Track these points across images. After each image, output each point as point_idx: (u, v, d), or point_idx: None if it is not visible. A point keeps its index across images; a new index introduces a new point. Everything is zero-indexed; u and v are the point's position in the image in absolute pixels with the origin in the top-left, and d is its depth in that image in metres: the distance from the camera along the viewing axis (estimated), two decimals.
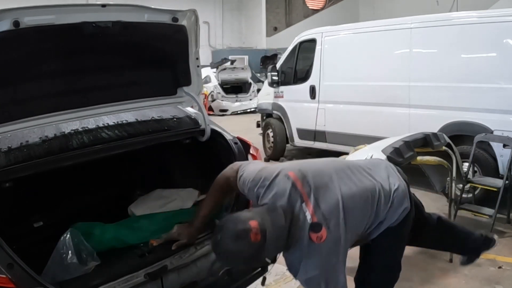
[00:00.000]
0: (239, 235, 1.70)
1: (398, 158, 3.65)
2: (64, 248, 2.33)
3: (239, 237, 1.70)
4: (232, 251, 1.72)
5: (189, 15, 2.71)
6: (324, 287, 1.84)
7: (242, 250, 1.70)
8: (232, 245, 1.71)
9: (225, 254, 1.76)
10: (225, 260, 1.82)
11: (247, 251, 1.70)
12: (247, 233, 1.69)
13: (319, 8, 26.03)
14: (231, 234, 1.72)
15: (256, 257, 1.76)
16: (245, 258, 1.75)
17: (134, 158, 3.29)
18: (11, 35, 2.09)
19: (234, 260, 1.78)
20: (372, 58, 6.37)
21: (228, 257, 1.78)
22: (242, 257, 1.73)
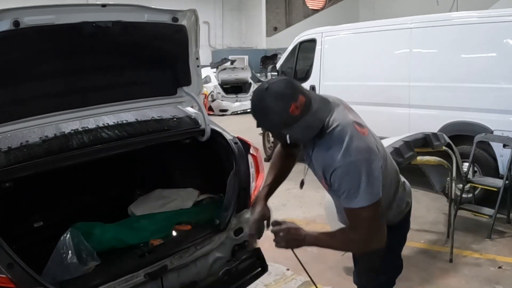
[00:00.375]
0: (283, 97, 1.68)
1: (398, 158, 3.65)
2: (64, 248, 2.33)
3: (282, 99, 1.68)
4: (266, 105, 1.70)
5: (189, 15, 2.71)
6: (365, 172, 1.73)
7: (275, 110, 1.68)
8: (269, 100, 1.69)
9: (258, 102, 1.73)
10: (253, 107, 1.76)
11: (278, 115, 1.68)
12: (290, 100, 1.67)
13: (319, 8, 26.04)
14: (278, 91, 1.69)
15: (280, 125, 1.72)
16: (271, 120, 1.71)
17: (134, 158, 3.29)
18: (11, 35, 2.09)
19: (260, 113, 1.74)
20: (372, 58, 6.37)
21: (258, 107, 1.74)
22: (270, 116, 1.70)
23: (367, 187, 1.73)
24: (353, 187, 1.73)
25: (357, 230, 1.82)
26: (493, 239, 4.39)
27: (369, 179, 1.73)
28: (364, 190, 1.73)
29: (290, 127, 1.72)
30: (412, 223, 4.84)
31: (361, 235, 1.82)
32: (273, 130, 1.84)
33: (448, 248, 4.02)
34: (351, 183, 1.73)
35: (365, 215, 1.76)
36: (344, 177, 1.74)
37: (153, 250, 2.51)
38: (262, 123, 1.79)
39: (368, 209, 1.75)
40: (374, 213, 1.78)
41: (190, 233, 2.68)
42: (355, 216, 1.80)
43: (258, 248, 2.87)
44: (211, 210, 2.91)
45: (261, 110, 1.73)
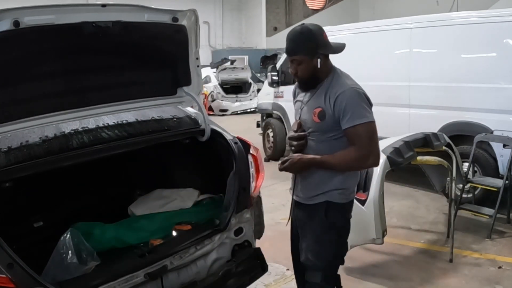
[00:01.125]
0: (319, 26, 2.31)
1: (398, 158, 3.65)
2: (64, 248, 2.33)
3: (318, 27, 2.30)
4: (308, 30, 2.25)
5: (189, 15, 2.72)
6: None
7: (315, 32, 2.25)
8: (311, 27, 2.27)
9: (299, 31, 2.25)
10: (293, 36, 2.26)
11: (318, 36, 2.26)
12: (323, 30, 2.31)
13: (319, 8, 26.02)
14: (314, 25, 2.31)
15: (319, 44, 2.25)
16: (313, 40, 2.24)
17: (134, 158, 3.29)
18: (11, 35, 2.09)
19: (302, 38, 2.24)
20: (372, 58, 6.36)
21: (299, 34, 2.25)
22: (312, 38, 2.24)
23: (369, 108, 2.22)
24: (358, 106, 2.19)
25: (359, 147, 2.19)
26: (493, 239, 4.39)
27: (367, 105, 2.24)
28: (367, 110, 2.21)
29: (325, 47, 2.27)
30: (412, 223, 4.89)
31: (362, 150, 2.19)
32: (312, 50, 2.23)
33: (448, 248, 4.02)
34: (357, 103, 2.19)
35: (368, 130, 2.19)
36: (351, 96, 2.19)
37: (153, 250, 2.51)
38: (303, 45, 2.24)
39: (370, 125, 2.20)
40: (374, 129, 2.23)
41: (190, 233, 2.68)
42: (359, 133, 2.18)
43: (258, 248, 2.87)
44: (211, 210, 2.91)
45: (304, 34, 2.24)
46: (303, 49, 2.24)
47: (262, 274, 2.82)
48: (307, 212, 2.35)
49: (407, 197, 5.76)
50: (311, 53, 2.23)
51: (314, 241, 2.31)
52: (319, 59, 2.23)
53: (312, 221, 2.33)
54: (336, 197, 2.29)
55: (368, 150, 2.21)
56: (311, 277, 2.33)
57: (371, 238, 3.41)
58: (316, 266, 2.31)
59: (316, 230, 2.31)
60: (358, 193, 3.44)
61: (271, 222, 3.35)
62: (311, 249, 2.32)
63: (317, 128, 2.28)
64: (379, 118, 6.78)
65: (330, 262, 2.33)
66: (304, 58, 2.25)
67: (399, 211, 5.27)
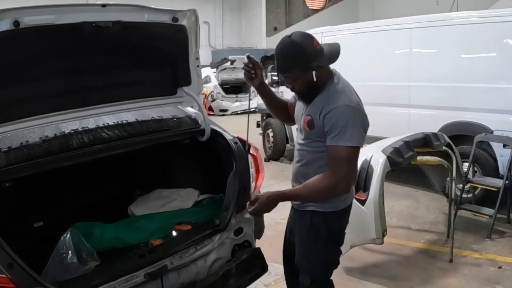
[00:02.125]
0: (307, 36, 2.10)
1: (398, 158, 3.65)
2: (64, 248, 2.33)
3: (306, 37, 2.09)
4: (296, 44, 2.05)
5: (189, 15, 2.71)
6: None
7: (304, 45, 2.05)
8: (298, 40, 2.06)
9: (287, 45, 2.07)
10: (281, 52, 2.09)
11: (307, 48, 2.05)
12: (312, 37, 2.10)
13: (319, 8, 26.01)
14: (301, 33, 2.12)
15: (310, 58, 2.05)
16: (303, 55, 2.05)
17: (134, 158, 3.29)
18: (11, 35, 2.09)
19: (291, 54, 2.07)
20: (372, 58, 6.36)
21: (287, 50, 2.07)
22: (301, 53, 2.04)
23: (357, 130, 2.07)
24: (347, 126, 2.04)
25: (332, 171, 2.07)
26: (493, 239, 4.39)
27: (360, 126, 2.09)
28: (355, 132, 2.05)
29: (317, 59, 2.07)
30: (412, 223, 4.89)
31: (335, 176, 2.07)
32: (305, 65, 2.06)
33: (448, 248, 4.02)
34: (346, 121, 2.04)
35: (348, 154, 2.06)
36: (343, 114, 2.05)
37: (153, 250, 2.51)
38: (294, 63, 2.07)
39: (352, 150, 2.07)
40: (355, 156, 2.10)
41: (190, 233, 2.68)
42: (338, 154, 2.05)
43: (258, 248, 2.87)
44: (211, 210, 2.91)
45: (291, 50, 2.06)
46: (295, 66, 2.08)
47: (262, 274, 2.82)
48: (298, 217, 2.36)
49: (407, 197, 5.76)
50: (304, 69, 2.07)
51: (303, 248, 2.33)
52: (314, 71, 2.07)
53: (300, 226, 2.33)
54: (322, 206, 2.23)
55: (340, 176, 2.08)
56: (302, 279, 2.35)
57: (371, 238, 3.41)
58: (306, 270, 2.33)
59: (303, 236, 2.32)
60: (358, 193, 3.44)
61: (271, 222, 3.35)
62: (301, 253, 2.35)
63: (308, 136, 2.23)
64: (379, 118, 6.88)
65: (317, 267, 2.32)
66: (298, 74, 2.11)
67: (399, 211, 5.27)
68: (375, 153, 3.65)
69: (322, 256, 2.30)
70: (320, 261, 2.31)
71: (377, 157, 3.58)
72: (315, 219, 2.25)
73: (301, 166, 2.28)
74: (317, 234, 2.27)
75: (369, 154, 3.64)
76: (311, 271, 2.32)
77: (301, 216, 2.32)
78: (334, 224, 2.30)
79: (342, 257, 3.60)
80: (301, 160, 2.29)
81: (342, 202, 2.28)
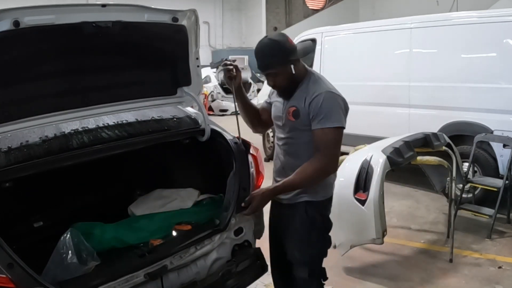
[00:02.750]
0: (282, 35, 2.35)
1: (398, 158, 3.65)
2: (64, 248, 2.32)
3: (282, 36, 2.32)
4: (273, 42, 2.26)
5: (189, 15, 2.71)
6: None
7: (280, 42, 2.26)
8: (275, 38, 2.28)
9: (264, 45, 2.28)
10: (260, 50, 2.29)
11: (284, 45, 2.26)
12: (286, 36, 2.33)
13: (319, 8, 25.99)
14: (277, 33, 2.41)
15: (288, 53, 2.26)
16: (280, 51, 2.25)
17: (134, 158, 3.29)
18: (11, 35, 2.09)
19: (269, 51, 2.26)
20: (372, 58, 6.37)
21: (265, 48, 2.27)
22: (277, 49, 2.24)
23: (341, 113, 2.24)
24: (332, 109, 2.22)
25: (322, 153, 2.21)
26: (493, 239, 4.39)
27: (342, 109, 2.26)
28: (339, 114, 2.23)
29: (294, 54, 2.28)
30: (412, 223, 4.89)
31: (323, 158, 2.21)
32: (284, 60, 2.25)
33: (448, 248, 4.02)
34: (331, 105, 2.22)
35: (334, 136, 2.22)
36: (327, 99, 2.23)
37: (153, 250, 2.50)
38: (274, 59, 2.25)
39: (338, 131, 2.22)
40: (340, 137, 2.25)
41: (190, 233, 2.68)
42: (326, 136, 2.21)
43: (258, 248, 2.87)
44: (211, 210, 2.91)
45: (271, 47, 2.25)
46: (275, 61, 2.27)
47: (262, 274, 2.82)
48: (290, 211, 2.42)
49: (407, 197, 5.77)
50: (284, 62, 2.27)
51: (298, 241, 2.40)
52: (292, 65, 2.27)
53: (294, 220, 2.40)
54: (315, 196, 2.35)
55: (330, 156, 2.23)
56: (298, 272, 2.42)
57: (371, 238, 3.42)
58: (302, 262, 2.40)
59: (299, 229, 2.39)
60: (358, 193, 3.45)
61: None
62: (296, 247, 2.41)
63: (293, 127, 2.34)
64: (379, 118, 6.85)
65: (314, 257, 2.43)
66: (279, 70, 2.29)
67: (399, 211, 5.28)
68: (375, 153, 3.65)
69: (319, 244, 2.42)
70: (317, 250, 2.42)
71: (377, 157, 3.58)
72: (310, 210, 2.36)
73: (289, 158, 2.38)
74: (313, 224, 2.37)
75: (369, 154, 3.64)
76: (308, 262, 2.40)
77: (292, 209, 2.40)
78: (325, 212, 2.44)
79: (342, 257, 3.64)
80: (288, 153, 2.39)
81: (330, 190, 2.43)
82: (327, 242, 2.50)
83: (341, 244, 3.54)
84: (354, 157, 3.83)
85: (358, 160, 3.64)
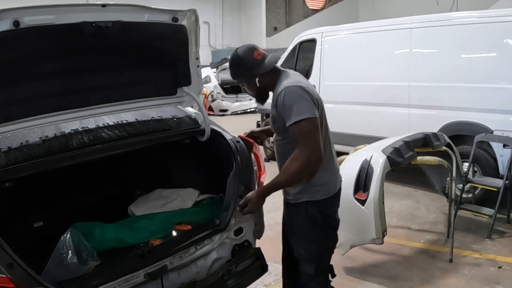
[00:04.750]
0: (248, 49, 2.43)
1: (398, 158, 3.65)
2: (64, 248, 2.33)
3: (247, 50, 2.42)
4: (238, 56, 2.41)
5: (189, 15, 2.71)
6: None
7: (244, 57, 2.39)
8: (240, 53, 2.41)
9: (232, 58, 2.44)
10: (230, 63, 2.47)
11: (248, 60, 2.38)
12: (252, 50, 2.42)
13: (319, 8, 26.02)
14: (244, 47, 2.47)
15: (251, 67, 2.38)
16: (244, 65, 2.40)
17: (134, 158, 3.29)
18: (11, 35, 2.09)
19: (236, 64, 2.44)
20: (372, 58, 6.36)
21: (233, 61, 2.44)
22: (242, 63, 2.40)
23: (306, 103, 2.24)
24: (294, 102, 2.23)
25: (300, 147, 2.22)
26: (493, 239, 4.39)
27: (307, 99, 2.25)
28: (303, 105, 2.23)
29: (257, 68, 2.38)
30: (412, 223, 4.89)
31: (303, 151, 2.21)
32: (246, 73, 2.42)
33: (448, 248, 4.02)
34: (292, 99, 2.25)
35: (306, 127, 2.21)
36: (287, 95, 2.26)
37: (153, 250, 2.51)
38: (237, 72, 2.44)
39: (308, 121, 2.21)
40: (313, 126, 2.23)
41: (190, 233, 2.68)
42: (299, 130, 2.22)
43: (258, 248, 2.87)
44: (211, 210, 2.91)
45: (236, 62, 2.43)
46: (239, 73, 2.45)
47: (262, 274, 2.82)
48: (293, 210, 2.48)
49: (407, 197, 5.76)
50: (246, 76, 2.43)
51: (302, 238, 2.45)
52: (256, 79, 2.40)
53: (297, 219, 2.45)
54: (314, 195, 2.37)
55: (308, 149, 2.22)
56: (305, 268, 2.46)
57: (371, 238, 3.42)
58: (308, 259, 2.44)
59: (302, 228, 2.43)
60: (358, 193, 3.45)
61: (271, 222, 3.34)
62: (302, 246, 2.46)
63: (277, 130, 2.46)
64: (379, 118, 6.84)
65: (319, 254, 2.46)
66: (244, 81, 2.48)
67: (399, 211, 5.28)
68: (375, 153, 3.65)
69: (322, 242, 2.45)
70: (321, 248, 2.46)
71: (377, 157, 3.58)
72: (310, 209, 2.39)
73: (282, 160, 2.41)
74: (314, 222, 2.39)
75: (369, 154, 3.64)
76: (314, 259, 2.44)
77: (295, 208, 2.45)
78: (328, 210, 2.45)
79: (342, 257, 3.64)
80: (279, 154, 2.47)
81: (332, 188, 2.43)
82: (333, 239, 2.53)
83: (341, 244, 3.52)
84: (354, 157, 3.83)
85: (358, 160, 3.64)
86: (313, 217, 2.39)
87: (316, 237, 2.41)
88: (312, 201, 2.38)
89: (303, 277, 2.48)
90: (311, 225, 2.39)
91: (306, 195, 2.38)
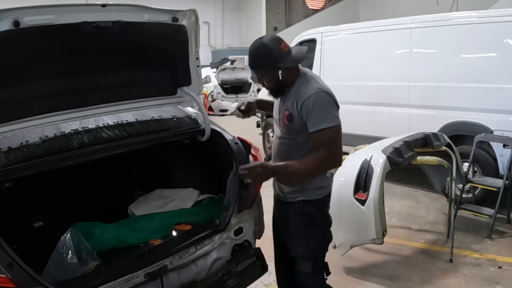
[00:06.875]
0: (276, 39, 2.33)
1: (398, 158, 3.65)
2: (64, 248, 2.33)
3: (275, 40, 2.31)
4: (264, 45, 2.27)
5: (189, 15, 2.71)
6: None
7: (272, 47, 2.26)
8: (267, 42, 2.28)
9: (257, 47, 2.29)
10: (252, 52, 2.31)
11: (274, 50, 2.25)
12: (280, 41, 2.31)
13: (319, 8, 25.98)
14: (271, 37, 2.35)
15: (276, 59, 2.25)
16: (270, 56, 2.25)
17: (134, 158, 3.29)
18: (11, 35, 2.09)
19: (260, 54, 2.28)
20: (372, 58, 6.36)
21: (257, 50, 2.29)
22: (268, 54, 2.25)
23: (333, 112, 2.26)
24: (324, 110, 2.23)
25: (323, 151, 2.22)
26: (493, 239, 4.39)
27: (334, 108, 2.28)
28: (333, 113, 2.25)
29: (283, 60, 2.26)
30: (412, 223, 4.89)
31: (326, 154, 2.23)
32: (271, 64, 2.26)
33: (448, 248, 4.02)
34: (321, 106, 2.24)
35: (332, 135, 2.23)
36: (317, 100, 2.23)
37: (153, 250, 2.51)
38: (261, 62, 2.29)
39: (334, 129, 2.24)
40: (338, 134, 2.27)
41: (190, 233, 2.68)
42: (324, 137, 2.22)
43: (258, 248, 2.87)
44: (211, 210, 2.91)
45: (260, 51, 2.27)
46: (262, 65, 2.32)
47: (262, 274, 2.82)
48: (288, 209, 2.46)
49: (407, 197, 5.77)
50: (270, 68, 2.29)
51: (300, 236, 2.44)
52: (280, 71, 2.28)
53: (294, 218, 2.44)
54: (312, 195, 2.38)
55: (333, 153, 2.26)
56: (301, 267, 2.46)
57: (371, 238, 3.42)
58: (306, 257, 2.44)
59: (299, 226, 2.43)
60: (358, 193, 3.45)
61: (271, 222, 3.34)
62: (298, 244, 2.45)
63: (288, 130, 2.37)
64: (379, 118, 6.83)
65: (316, 252, 2.47)
66: (266, 72, 2.33)
67: (399, 211, 5.28)
68: (375, 153, 3.65)
69: (321, 239, 2.47)
70: (320, 245, 2.47)
71: (377, 157, 3.58)
72: (307, 207, 2.39)
73: (283, 157, 2.38)
74: (313, 220, 2.40)
75: (369, 154, 3.64)
76: (311, 257, 2.44)
77: (289, 206, 2.44)
78: (324, 208, 2.47)
79: (342, 257, 3.64)
80: (280, 154, 2.43)
81: (327, 188, 2.45)
82: (328, 237, 2.54)
83: (341, 244, 3.54)
84: (354, 157, 3.83)
85: (358, 160, 3.64)
86: (311, 214, 2.39)
87: (313, 234, 2.42)
88: (310, 200, 2.38)
89: (300, 277, 2.48)
90: (309, 223, 2.40)
91: (304, 195, 2.38)
